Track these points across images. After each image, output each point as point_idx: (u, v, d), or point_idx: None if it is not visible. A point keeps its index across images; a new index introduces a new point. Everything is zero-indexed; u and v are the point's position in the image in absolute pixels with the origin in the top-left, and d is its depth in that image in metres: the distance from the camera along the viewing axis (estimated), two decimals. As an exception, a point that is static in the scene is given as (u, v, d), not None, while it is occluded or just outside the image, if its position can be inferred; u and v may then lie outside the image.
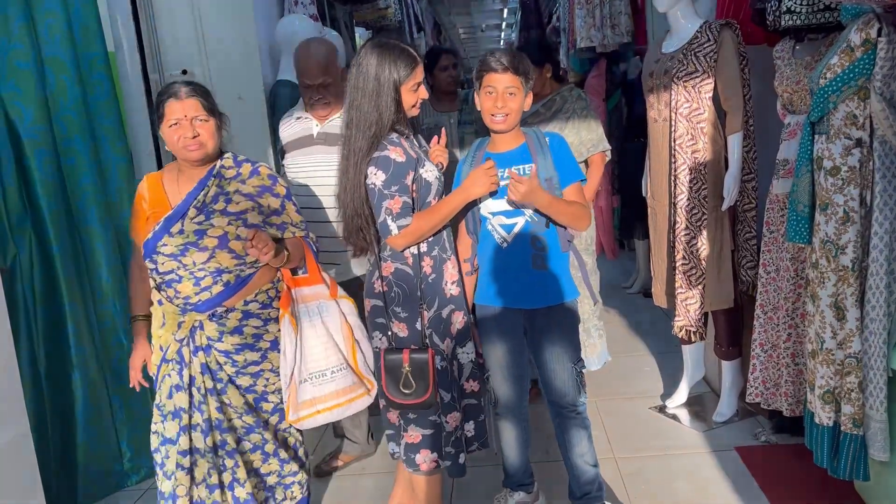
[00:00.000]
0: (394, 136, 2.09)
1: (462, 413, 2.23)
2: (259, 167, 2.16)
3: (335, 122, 2.71)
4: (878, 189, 2.05)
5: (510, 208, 2.19)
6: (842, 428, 2.19)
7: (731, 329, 3.03)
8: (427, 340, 2.14)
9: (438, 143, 2.24)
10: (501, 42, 17.59)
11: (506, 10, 13.51)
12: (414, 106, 2.14)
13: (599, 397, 3.39)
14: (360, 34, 6.18)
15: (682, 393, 3.27)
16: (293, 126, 2.85)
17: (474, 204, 2.23)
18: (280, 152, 3.09)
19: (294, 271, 2.20)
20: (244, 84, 3.18)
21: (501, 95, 2.12)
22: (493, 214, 2.23)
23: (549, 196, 2.12)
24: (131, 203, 2.92)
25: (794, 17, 2.28)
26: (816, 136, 2.20)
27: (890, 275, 2.05)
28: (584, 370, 2.31)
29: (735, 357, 3.05)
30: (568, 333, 2.27)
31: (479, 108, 2.21)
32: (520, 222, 2.21)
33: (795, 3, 2.26)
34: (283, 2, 3.54)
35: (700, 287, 2.93)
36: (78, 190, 2.75)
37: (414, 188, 2.09)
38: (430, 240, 2.14)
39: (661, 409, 3.26)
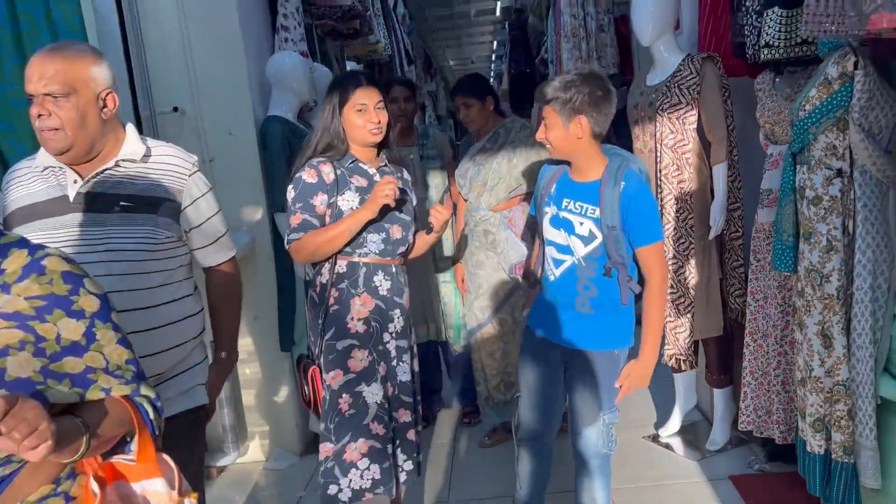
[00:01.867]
0: (316, 160, 2.19)
1: (369, 454, 2.18)
2: (46, 258, 1.13)
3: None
4: (859, 218, 2.08)
5: (563, 242, 2.12)
6: (833, 456, 2.20)
7: (722, 357, 3.04)
8: (318, 362, 2.23)
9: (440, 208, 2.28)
10: (491, 74, 17.78)
11: (495, 43, 13.69)
12: (367, 128, 2.18)
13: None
14: (351, 68, 6.26)
15: (675, 421, 3.27)
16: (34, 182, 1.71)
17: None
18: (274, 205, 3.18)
19: (111, 451, 1.23)
20: (235, 120, 3.20)
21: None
22: (548, 243, 2.17)
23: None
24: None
25: (773, 51, 2.33)
26: (798, 167, 2.24)
27: (874, 302, 2.07)
28: (615, 422, 2.19)
29: (726, 385, 3.06)
30: (604, 382, 2.13)
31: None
32: (567, 262, 2.13)
33: (773, 37, 2.31)
34: (273, 38, 3.59)
35: (689, 315, 2.95)
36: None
37: (328, 212, 2.17)
38: (340, 273, 2.18)
39: (655, 438, 3.26)
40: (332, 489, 2.17)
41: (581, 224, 2.08)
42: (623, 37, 4.76)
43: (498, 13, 10.69)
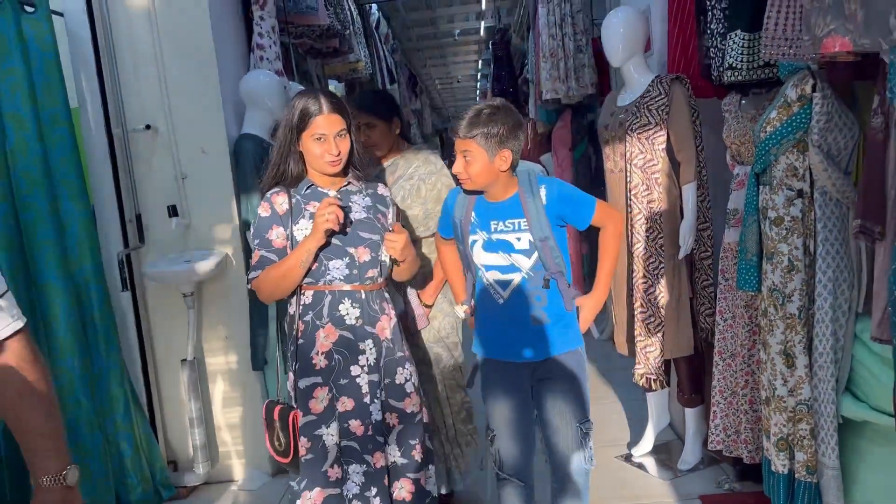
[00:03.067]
0: (271, 191, 2.11)
1: (322, 501, 2.05)
2: None
3: None
4: (819, 238, 2.10)
5: (504, 263, 2.08)
6: (796, 475, 2.20)
7: (693, 376, 3.05)
8: (294, 402, 2.10)
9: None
10: (477, 92, 17.90)
11: (480, 62, 13.80)
12: (324, 158, 2.02)
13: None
14: (334, 86, 6.29)
15: (647, 441, 3.26)
16: None
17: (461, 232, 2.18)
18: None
19: None
20: (208, 138, 3.20)
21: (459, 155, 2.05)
22: (487, 268, 2.11)
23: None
24: (92, 258, 2.95)
25: (736, 74, 2.36)
26: (761, 187, 2.26)
27: (835, 322, 2.09)
28: (590, 431, 2.13)
29: (698, 404, 3.06)
30: (572, 384, 2.11)
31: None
32: (516, 279, 2.09)
33: (737, 59, 2.35)
34: (248, 57, 3.60)
35: (659, 335, 2.96)
36: (36, 245, 2.74)
37: (288, 244, 2.07)
38: (306, 304, 2.06)
39: (628, 458, 3.25)
40: None
41: (518, 239, 2.07)
42: (601, 57, 4.80)
43: (482, 33, 10.79)
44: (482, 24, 10.36)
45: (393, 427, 2.12)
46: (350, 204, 2.11)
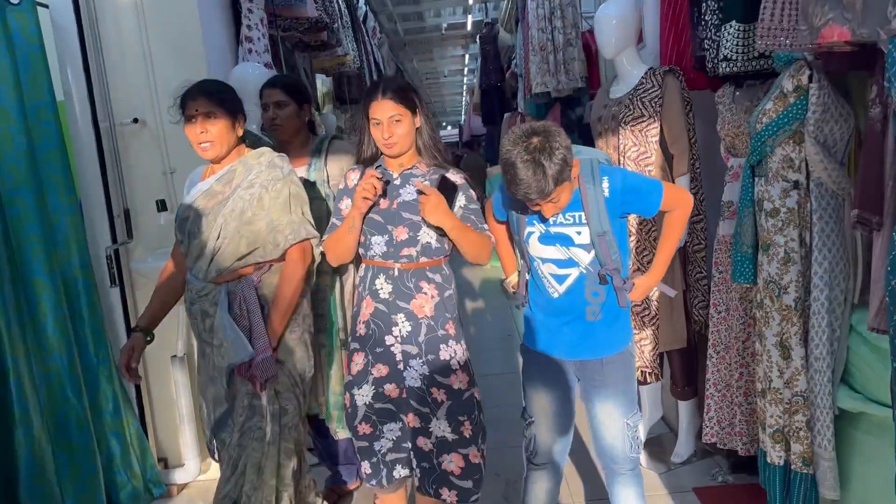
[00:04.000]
0: (350, 167, 2.36)
1: (357, 450, 2.29)
2: None
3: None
4: (815, 230, 2.10)
5: (562, 257, 2.05)
6: (792, 467, 2.21)
7: (686, 369, 3.05)
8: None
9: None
10: (464, 87, 17.88)
11: (467, 56, 13.76)
12: (380, 142, 2.16)
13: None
14: (321, 80, 6.24)
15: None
16: None
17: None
18: None
19: None
20: (197, 132, 3.15)
21: None
22: (543, 261, 2.08)
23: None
24: (80, 253, 2.90)
25: (731, 65, 2.35)
26: (756, 179, 2.26)
27: (831, 313, 2.09)
28: (638, 422, 2.16)
29: (691, 397, 3.07)
30: (621, 386, 2.11)
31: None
32: (573, 274, 2.06)
33: (731, 51, 2.34)
34: (237, 50, 3.56)
35: (653, 328, 2.96)
36: (23, 241, 2.69)
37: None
38: (360, 275, 2.28)
39: (621, 451, 3.25)
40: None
41: (579, 233, 2.03)
42: (590, 50, 4.79)
43: (469, 27, 10.75)
44: (469, 18, 10.32)
45: (441, 403, 2.18)
46: (407, 185, 2.19)
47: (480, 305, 6.74)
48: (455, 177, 2.22)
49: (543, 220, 2.05)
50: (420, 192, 2.10)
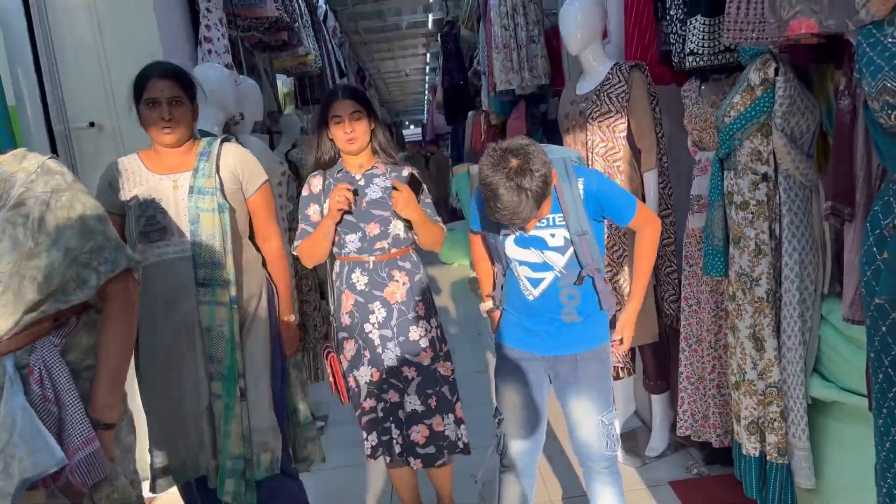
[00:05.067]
0: (311, 175, 2.48)
1: (366, 426, 2.45)
2: None
3: None
4: (785, 222, 2.11)
5: (537, 260, 2.02)
6: (768, 458, 2.22)
7: (658, 363, 3.06)
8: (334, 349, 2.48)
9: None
10: (426, 86, 17.84)
11: (429, 55, 13.74)
12: (342, 138, 2.36)
13: (534, 438, 3.38)
14: (282, 81, 6.15)
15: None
16: None
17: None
18: None
19: None
20: (156, 135, 3.07)
21: None
22: (519, 263, 2.06)
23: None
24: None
25: (697, 59, 2.36)
26: (725, 172, 2.27)
27: (802, 304, 2.11)
28: (613, 420, 2.13)
29: (664, 390, 3.08)
30: (596, 383, 2.08)
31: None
32: (548, 278, 2.03)
33: (697, 45, 2.34)
34: (196, 51, 3.47)
35: (625, 323, 2.96)
36: (-25, 251, 2.59)
37: (321, 219, 2.42)
38: (336, 271, 2.44)
39: (596, 447, 3.25)
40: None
41: (553, 236, 2.00)
42: (553, 47, 4.80)
43: (430, 25, 10.73)
44: (430, 16, 10.30)
45: (412, 379, 2.39)
46: (371, 185, 2.38)
47: (448, 304, 6.72)
48: (408, 172, 2.43)
49: None
50: (394, 189, 2.30)
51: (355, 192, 2.33)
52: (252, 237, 2.33)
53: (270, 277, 2.34)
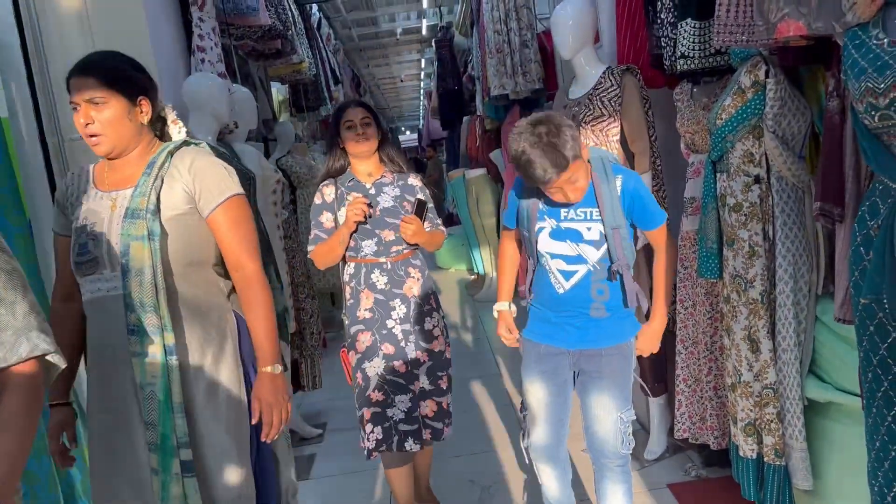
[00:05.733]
0: (322, 183, 2.66)
1: (371, 419, 2.52)
2: None
3: None
4: (778, 223, 2.12)
5: (571, 253, 2.07)
6: (765, 459, 2.22)
7: (656, 366, 3.06)
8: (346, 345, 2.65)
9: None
10: (421, 92, 17.85)
11: (423, 61, 13.75)
12: (353, 140, 2.60)
13: (532, 443, 3.38)
14: (277, 89, 6.16)
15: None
16: None
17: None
18: None
19: None
20: (150, 145, 3.07)
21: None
22: (552, 256, 2.10)
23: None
24: (30, 274, 2.79)
25: (689, 62, 2.37)
26: (718, 175, 2.27)
27: (797, 305, 2.11)
28: (633, 420, 2.15)
29: (661, 393, 3.08)
30: (618, 379, 2.11)
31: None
32: (581, 271, 2.07)
33: (688, 48, 2.35)
34: (188, 59, 3.48)
35: (622, 326, 2.96)
36: (-30, 264, 2.58)
37: (334, 226, 2.62)
38: (350, 273, 2.60)
39: (594, 451, 3.25)
40: (362, 444, 2.57)
41: (589, 229, 2.04)
42: (546, 52, 4.81)
43: (424, 31, 10.74)
44: (424, 22, 10.31)
45: (424, 363, 2.59)
46: (382, 194, 2.59)
47: (448, 310, 6.70)
48: (415, 181, 2.68)
49: (555, 214, 2.07)
50: (403, 221, 2.52)
51: (370, 204, 2.53)
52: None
53: (244, 315, 1.86)
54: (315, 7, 7.02)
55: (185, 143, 1.87)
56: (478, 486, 3.03)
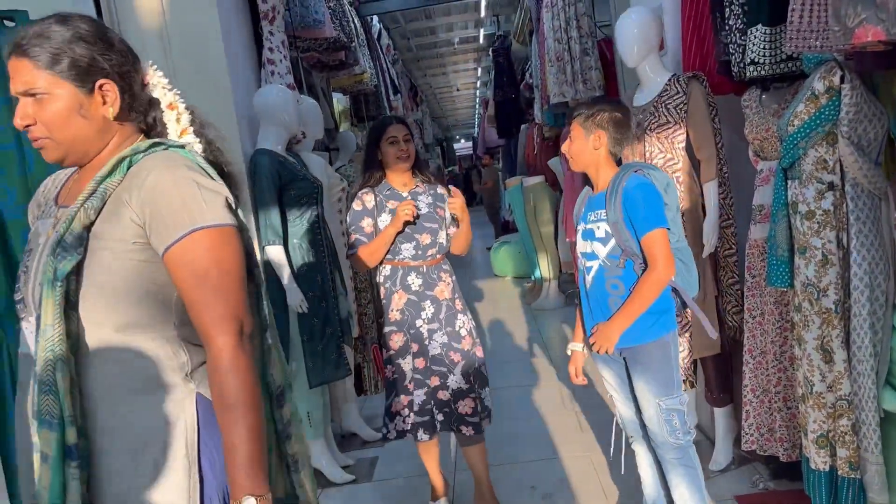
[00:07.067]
0: (361, 191, 2.83)
1: (408, 406, 2.77)
2: None
3: None
4: (853, 231, 2.08)
5: (589, 250, 2.29)
6: (839, 472, 2.17)
7: (721, 375, 3.02)
8: (380, 343, 2.90)
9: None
10: (477, 100, 17.91)
11: (480, 69, 13.82)
12: (396, 155, 2.78)
13: (594, 452, 3.35)
14: (338, 99, 6.29)
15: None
16: None
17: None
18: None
19: None
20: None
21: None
22: (581, 255, 2.34)
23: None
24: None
25: (759, 68, 2.34)
26: (789, 182, 2.24)
27: (873, 315, 2.06)
28: (674, 407, 2.23)
29: (726, 403, 3.04)
30: (655, 366, 2.22)
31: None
32: (594, 266, 2.28)
33: (759, 54, 2.33)
34: (259, 72, 3.59)
35: (687, 335, 2.93)
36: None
37: (373, 231, 2.79)
38: (385, 275, 2.80)
39: (657, 461, 3.22)
40: (382, 431, 2.86)
41: (598, 228, 2.25)
42: (607, 59, 4.80)
43: (481, 40, 10.81)
44: (481, 31, 10.38)
45: (457, 363, 2.75)
46: (417, 201, 2.77)
47: (505, 318, 6.72)
48: (443, 190, 2.88)
49: (584, 218, 2.33)
50: (450, 195, 2.77)
51: (416, 207, 2.72)
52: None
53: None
54: (375, 18, 7.15)
55: (155, 146, 1.32)
56: (539, 493, 3.03)
